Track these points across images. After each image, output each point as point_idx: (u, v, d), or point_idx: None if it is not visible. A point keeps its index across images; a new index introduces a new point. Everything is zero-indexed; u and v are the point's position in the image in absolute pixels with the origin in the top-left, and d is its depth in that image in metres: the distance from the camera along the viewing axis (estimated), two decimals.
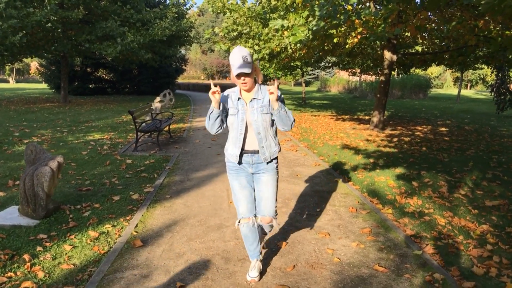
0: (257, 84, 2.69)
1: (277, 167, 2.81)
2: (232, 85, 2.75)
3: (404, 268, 3.08)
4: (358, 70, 22.07)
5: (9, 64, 22.09)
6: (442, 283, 2.85)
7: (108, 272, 2.94)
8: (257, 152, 2.70)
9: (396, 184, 5.49)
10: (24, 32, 15.70)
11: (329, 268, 3.07)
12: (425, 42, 11.84)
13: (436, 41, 11.45)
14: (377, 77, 25.07)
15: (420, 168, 6.45)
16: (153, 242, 3.50)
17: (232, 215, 4.22)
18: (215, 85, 2.53)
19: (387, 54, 10.74)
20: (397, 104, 22.74)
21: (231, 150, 2.76)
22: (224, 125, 2.73)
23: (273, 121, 2.71)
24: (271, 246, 3.46)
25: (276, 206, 2.83)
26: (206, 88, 39.69)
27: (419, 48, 15.45)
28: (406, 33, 11.33)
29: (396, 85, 29.89)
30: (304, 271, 3.02)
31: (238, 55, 2.47)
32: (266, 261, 3.17)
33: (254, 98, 2.65)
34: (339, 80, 40.84)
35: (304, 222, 4.05)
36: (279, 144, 2.83)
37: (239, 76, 2.52)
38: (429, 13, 8.39)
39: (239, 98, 2.67)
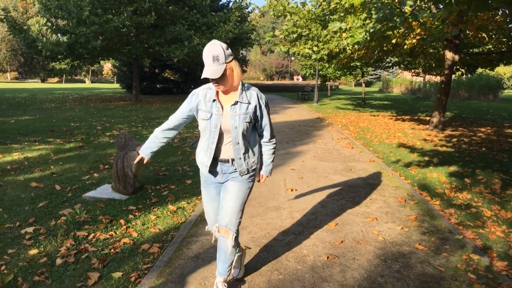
0: (240, 84, 2.32)
1: (251, 177, 2.51)
2: None
3: (443, 249, 3.41)
4: (421, 70, 21.53)
5: (89, 66, 24.33)
6: (477, 261, 3.16)
7: (186, 236, 3.59)
8: (231, 160, 2.41)
9: (448, 180, 5.69)
10: (104, 36, 17.38)
11: (373, 245, 3.48)
12: (491, 41, 11.51)
13: (503, 40, 11.11)
14: (441, 78, 24.26)
15: (475, 167, 6.53)
16: None
17: (289, 199, 4.74)
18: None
19: (449, 54, 10.64)
20: (462, 106, 21.90)
21: (201, 158, 2.45)
22: (178, 130, 2.56)
23: (254, 129, 2.49)
24: (322, 226, 3.93)
25: (239, 223, 2.52)
26: (266, 88, 40.46)
27: (487, 48, 14.93)
28: (470, 33, 11.12)
29: (463, 86, 28.62)
30: (351, 245, 3.46)
31: (209, 53, 2.12)
32: (317, 236, 3.65)
33: (238, 102, 2.31)
34: (402, 80, 39.74)
35: (354, 208, 4.46)
36: (260, 154, 2.59)
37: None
38: (492, 12, 8.29)
39: (214, 100, 2.32)
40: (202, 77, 2.16)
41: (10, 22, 18.03)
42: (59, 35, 20.28)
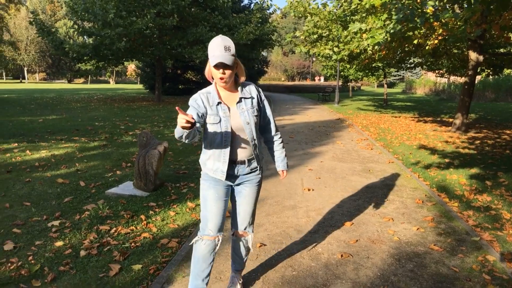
0: (240, 86, 2.35)
1: (260, 179, 2.51)
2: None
3: (459, 250, 3.40)
4: (445, 71, 21.12)
5: (113, 67, 24.91)
6: (493, 263, 3.14)
7: None
8: (247, 161, 2.37)
9: (468, 182, 5.61)
10: (127, 38, 17.80)
11: (388, 244, 3.50)
12: None
13: None
14: (465, 79, 23.74)
15: (498, 169, 6.41)
16: None
17: (305, 199, 4.79)
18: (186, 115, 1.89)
19: (473, 55, 10.45)
20: (488, 107, 21.37)
21: (212, 165, 2.33)
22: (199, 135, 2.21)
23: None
24: (338, 225, 3.96)
25: (253, 223, 2.60)
26: (286, 89, 40.50)
27: None
28: (494, 33, 10.89)
29: (489, 87, 27.89)
30: (365, 245, 3.49)
31: (220, 43, 2.12)
32: (332, 235, 3.70)
33: (242, 98, 2.32)
34: (426, 81, 39.02)
35: (370, 209, 4.48)
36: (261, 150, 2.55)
37: (217, 67, 2.16)
38: None
39: (219, 103, 2.27)
40: (213, 63, 2.13)
41: (39, 24, 18.69)
42: (85, 37, 20.86)
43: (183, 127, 1.89)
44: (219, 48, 2.11)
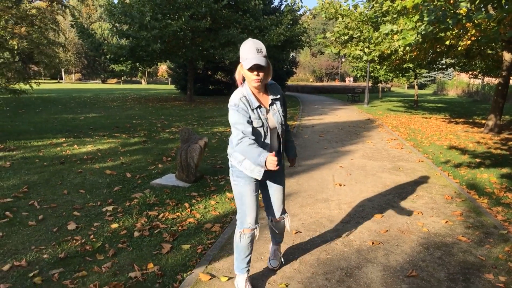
0: (269, 87, 2.49)
1: (283, 167, 2.72)
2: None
3: (486, 241, 3.57)
4: (478, 72, 20.67)
5: (147, 68, 25.74)
6: None
7: None
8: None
9: (499, 181, 5.69)
10: (162, 40, 18.44)
11: (417, 234, 3.71)
12: None
13: None
14: (499, 79, 23.09)
15: None
16: None
17: (337, 193, 5.03)
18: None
19: (507, 56, 10.35)
20: None
21: (250, 165, 2.43)
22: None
23: None
24: (369, 217, 4.19)
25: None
26: (314, 90, 40.50)
27: None
28: None
29: None
30: (395, 234, 3.71)
31: (252, 46, 2.22)
32: (363, 225, 3.93)
33: (274, 99, 2.48)
34: (458, 83, 38.11)
35: (400, 203, 4.67)
36: None
37: (252, 69, 2.25)
38: None
39: (259, 106, 2.38)
40: (248, 65, 2.20)
41: (79, 27, 19.63)
42: (119, 39, 21.68)
43: (269, 169, 2.16)
44: (252, 51, 2.20)
